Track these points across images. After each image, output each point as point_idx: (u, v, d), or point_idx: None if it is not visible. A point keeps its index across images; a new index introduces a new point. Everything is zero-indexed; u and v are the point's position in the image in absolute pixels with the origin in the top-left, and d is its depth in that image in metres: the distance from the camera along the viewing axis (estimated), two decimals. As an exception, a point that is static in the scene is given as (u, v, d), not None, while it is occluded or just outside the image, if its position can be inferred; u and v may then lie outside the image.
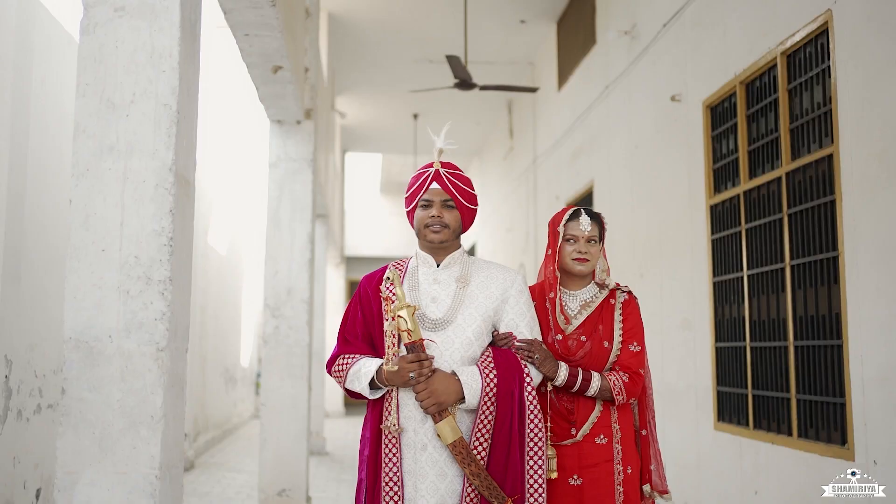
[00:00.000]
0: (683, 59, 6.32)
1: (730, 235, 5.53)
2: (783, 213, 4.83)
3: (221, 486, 8.00)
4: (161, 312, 2.28)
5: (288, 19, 5.18)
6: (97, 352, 2.26)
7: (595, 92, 8.52)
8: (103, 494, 2.21)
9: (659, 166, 6.79)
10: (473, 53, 10.61)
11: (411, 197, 2.82)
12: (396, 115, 13.57)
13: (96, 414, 2.24)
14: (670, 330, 6.49)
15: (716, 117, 5.82)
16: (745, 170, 5.34)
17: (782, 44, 4.86)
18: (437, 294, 2.81)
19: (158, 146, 2.31)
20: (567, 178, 9.67)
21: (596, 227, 2.96)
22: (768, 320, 5.05)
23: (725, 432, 5.53)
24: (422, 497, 2.68)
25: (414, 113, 13.47)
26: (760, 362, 5.13)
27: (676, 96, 6.32)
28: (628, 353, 2.95)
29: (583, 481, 2.89)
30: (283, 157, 6.55)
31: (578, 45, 9.23)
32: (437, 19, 9.72)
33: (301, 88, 6.41)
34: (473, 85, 7.86)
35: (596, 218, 2.98)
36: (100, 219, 2.29)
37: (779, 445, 4.82)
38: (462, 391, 2.65)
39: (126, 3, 2.35)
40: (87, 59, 2.34)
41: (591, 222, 2.96)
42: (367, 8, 9.69)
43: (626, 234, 7.53)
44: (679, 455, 6.28)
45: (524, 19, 9.95)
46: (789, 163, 4.80)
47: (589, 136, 8.80)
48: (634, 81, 7.40)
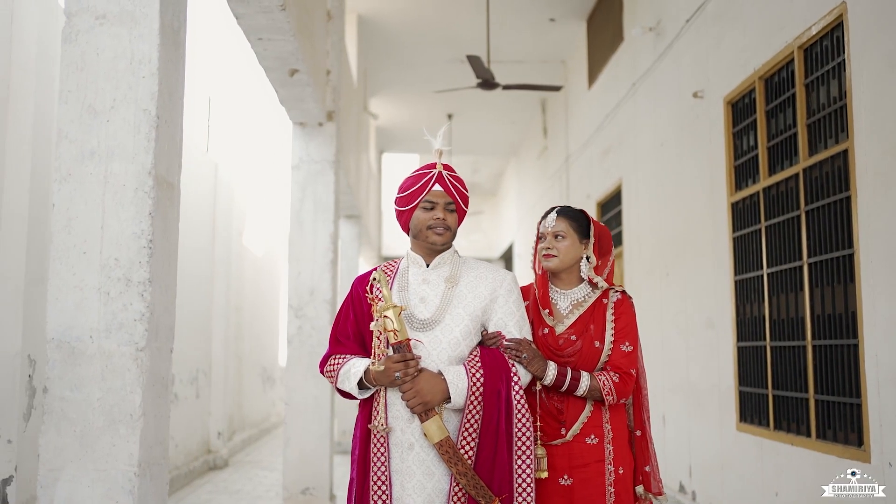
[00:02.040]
0: (705, 55, 6.24)
1: (750, 233, 5.45)
2: (801, 211, 4.74)
3: (252, 484, 8.11)
4: (140, 313, 2.33)
5: (303, 23, 5.23)
6: (79, 352, 2.32)
7: (623, 90, 8.45)
8: (84, 491, 2.27)
9: (683, 164, 6.72)
10: (504, 53, 10.61)
11: (411, 197, 2.79)
12: (430, 115, 13.61)
13: (77, 412, 2.31)
14: (695, 329, 6.41)
15: (736, 113, 5.74)
16: (765, 166, 5.26)
17: (799, 38, 4.77)
18: (425, 294, 2.82)
19: (138, 150, 2.37)
20: (597, 176, 9.60)
21: (565, 222, 2.95)
22: (787, 319, 4.97)
23: (747, 433, 5.45)
24: (409, 496, 2.69)
25: (448, 113, 13.50)
26: (780, 362, 5.04)
27: (699, 93, 6.24)
28: (620, 353, 2.92)
29: (573, 481, 2.87)
30: (306, 158, 6.61)
31: (607, 42, 9.17)
32: (466, 19, 9.73)
33: (322, 91, 6.47)
34: (496, 84, 7.85)
35: (569, 214, 2.97)
36: (81, 222, 2.36)
37: (797, 447, 4.74)
38: (448, 391, 2.66)
39: (107, 12, 2.40)
40: (70, 67, 2.40)
41: (559, 218, 2.95)
42: (396, 10, 9.73)
43: (652, 233, 7.46)
44: (703, 455, 6.20)
45: (553, 17, 9.91)
46: (807, 159, 4.71)
47: (617, 134, 8.74)
48: (660, 79, 7.33)
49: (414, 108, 13.38)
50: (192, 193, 8.53)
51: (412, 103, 13.11)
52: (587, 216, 3.03)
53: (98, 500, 2.26)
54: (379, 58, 11.16)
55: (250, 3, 4.41)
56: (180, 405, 8.08)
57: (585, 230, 3.00)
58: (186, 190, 8.28)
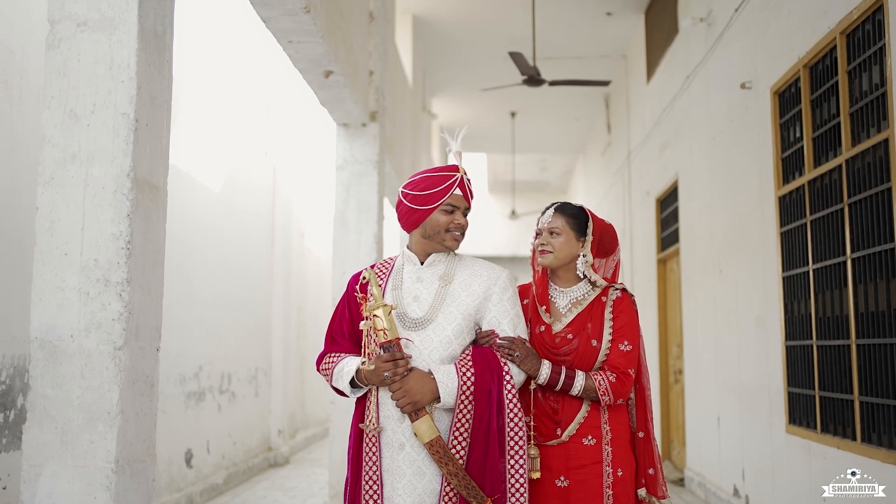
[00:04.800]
0: (753, 45, 6.03)
1: (796, 228, 5.24)
2: (843, 204, 4.53)
3: (308, 481, 8.22)
4: (118, 313, 2.39)
5: (334, 24, 5.27)
6: (60, 351, 2.39)
7: (678, 83, 8.25)
8: (64, 487, 2.33)
9: (733, 158, 6.51)
10: (561, 49, 10.50)
11: (432, 198, 2.70)
12: (494, 113, 13.55)
13: (58, 410, 2.37)
14: (745, 328, 6.21)
15: (783, 104, 5.53)
16: (810, 158, 5.05)
17: (841, 23, 4.57)
18: (419, 293, 2.80)
19: (117, 153, 2.42)
20: (656, 172, 9.40)
21: (562, 219, 2.89)
22: (832, 317, 4.76)
23: (796, 436, 5.24)
24: (399, 496, 2.68)
25: (511, 111, 13.42)
26: (825, 362, 4.83)
27: (746, 83, 6.04)
28: (618, 352, 2.85)
29: (569, 483, 2.81)
30: (350, 159, 6.66)
31: (664, 35, 8.97)
32: (521, 16, 9.64)
33: (364, 92, 6.51)
34: (542, 80, 7.76)
35: (567, 211, 2.91)
36: (63, 224, 2.43)
37: (843, 451, 4.53)
38: (437, 390, 2.64)
39: (88, 18, 2.47)
40: (53, 73, 2.48)
41: (555, 214, 2.90)
42: (450, 9, 9.73)
43: (706, 230, 7.27)
44: (755, 458, 6.00)
45: (610, 11, 9.75)
46: (849, 149, 4.50)
47: (674, 128, 8.53)
48: (711, 70, 7.12)
49: (476, 107, 13.35)
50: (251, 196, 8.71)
51: (474, 102, 13.08)
52: (586, 213, 2.96)
53: (77, 496, 2.33)
54: (437, 57, 11.18)
55: (274, 6, 4.46)
56: (238, 403, 8.25)
57: (583, 227, 2.93)
58: (246, 193, 8.46)
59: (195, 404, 7.08)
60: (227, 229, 7.84)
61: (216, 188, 7.47)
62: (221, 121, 7.64)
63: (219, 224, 7.58)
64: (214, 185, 7.41)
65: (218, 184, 7.51)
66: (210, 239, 7.36)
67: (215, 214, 7.47)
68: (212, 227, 7.39)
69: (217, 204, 7.51)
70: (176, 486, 6.60)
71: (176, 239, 6.56)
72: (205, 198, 7.18)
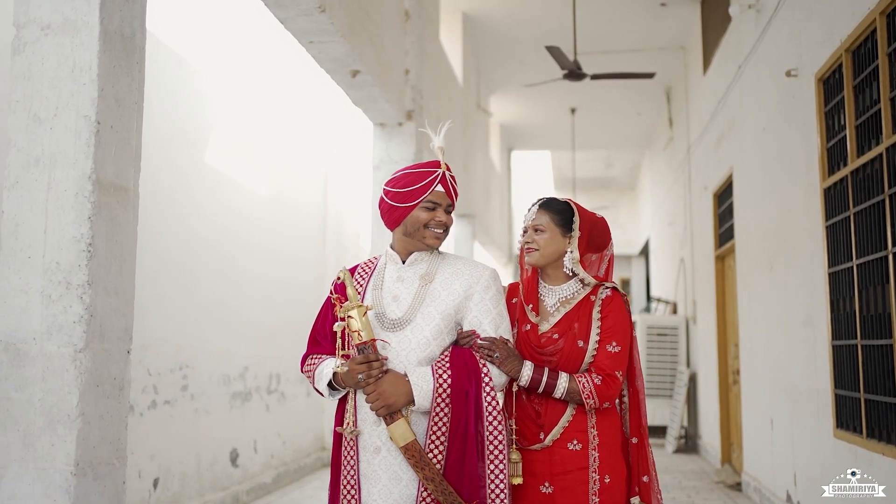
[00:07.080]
0: (799, 31, 5.75)
1: (841, 221, 4.97)
2: (884, 195, 4.27)
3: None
4: (79, 315, 2.38)
5: (357, 22, 5.23)
6: (23, 353, 2.40)
7: (731, 73, 7.96)
8: (26, 489, 2.34)
9: (782, 149, 6.23)
10: (618, 42, 10.27)
11: (412, 195, 2.65)
12: (554, 110, 13.35)
13: (21, 412, 2.39)
14: (794, 327, 5.93)
15: (828, 91, 5.25)
16: (853, 147, 4.78)
17: (881, 2, 4.30)
18: (399, 292, 2.73)
19: (79, 156, 2.42)
20: (713, 166, 9.10)
21: (546, 216, 2.78)
22: (875, 315, 4.48)
23: (843, 440, 4.96)
24: (374, 501, 2.63)
25: (571, 108, 13.21)
26: (870, 362, 4.56)
27: (792, 71, 5.77)
28: (605, 353, 2.72)
29: (553, 489, 2.70)
30: (386, 159, 6.63)
31: (718, 24, 8.67)
32: (571, 10, 9.45)
33: (399, 91, 6.46)
34: (583, 75, 7.57)
35: (551, 207, 2.80)
36: (27, 227, 2.44)
37: (888, 457, 4.26)
38: (412, 392, 2.57)
39: (51, 22, 2.47)
40: (18, 77, 2.50)
41: (539, 211, 2.79)
42: (500, 5, 9.61)
43: (757, 225, 6.98)
44: (806, 463, 5.72)
45: (664, 2, 9.48)
46: (890, 136, 4.23)
47: (728, 120, 8.24)
48: (761, 59, 6.84)
49: (536, 104, 13.17)
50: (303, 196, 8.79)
51: (533, 99, 12.90)
52: (572, 208, 2.84)
53: (38, 498, 2.33)
54: (490, 55, 11.06)
55: (289, 7, 4.45)
56: (287, 403, 8.32)
57: (568, 223, 2.81)
58: (296, 192, 8.54)
59: (241, 404, 7.15)
60: (277, 229, 7.92)
61: (265, 189, 7.55)
62: (273, 121, 7.72)
63: (268, 224, 7.66)
64: (263, 185, 7.49)
65: (267, 184, 7.59)
66: (259, 239, 7.44)
67: (263, 214, 7.54)
68: (260, 226, 7.46)
69: (267, 203, 7.60)
70: (221, 485, 6.68)
71: (220, 240, 6.65)
72: (252, 198, 7.26)
